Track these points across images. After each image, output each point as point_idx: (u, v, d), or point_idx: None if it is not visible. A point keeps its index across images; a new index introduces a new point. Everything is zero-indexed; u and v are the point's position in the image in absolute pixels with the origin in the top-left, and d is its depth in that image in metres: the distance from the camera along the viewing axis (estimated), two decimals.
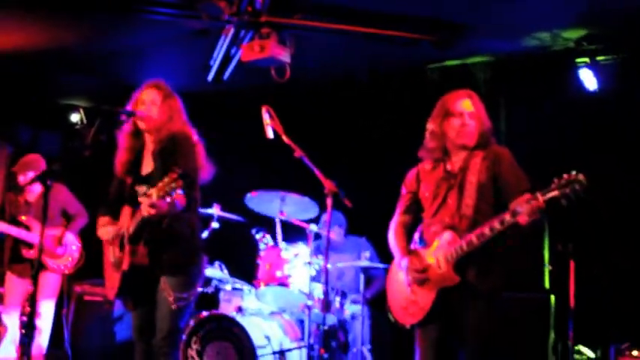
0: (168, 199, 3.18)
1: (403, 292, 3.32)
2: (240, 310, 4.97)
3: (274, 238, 5.14)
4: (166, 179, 3.15)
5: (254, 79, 5.57)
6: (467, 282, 3.13)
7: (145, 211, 3.24)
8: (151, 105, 3.63)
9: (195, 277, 3.56)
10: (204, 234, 5.20)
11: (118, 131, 3.72)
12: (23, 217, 5.21)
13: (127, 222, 3.52)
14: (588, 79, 5.13)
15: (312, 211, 5.05)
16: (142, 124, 3.62)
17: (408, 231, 3.45)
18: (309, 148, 5.91)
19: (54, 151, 6.75)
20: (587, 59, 5.11)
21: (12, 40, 5.45)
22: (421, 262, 3.25)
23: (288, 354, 4.69)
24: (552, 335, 4.79)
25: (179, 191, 3.17)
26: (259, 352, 4.51)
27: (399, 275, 3.35)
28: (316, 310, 4.94)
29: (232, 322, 4.62)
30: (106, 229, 3.64)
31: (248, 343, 4.52)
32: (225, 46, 5.06)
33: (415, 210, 3.44)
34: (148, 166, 3.63)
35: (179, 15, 4.58)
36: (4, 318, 5.22)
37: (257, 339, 4.56)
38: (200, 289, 3.71)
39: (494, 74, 5.68)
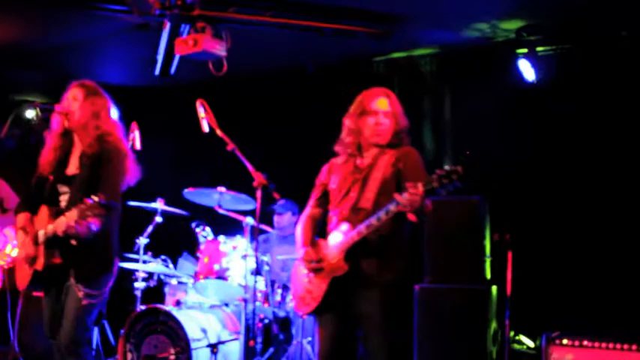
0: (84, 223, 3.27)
1: (302, 283, 3.38)
2: (178, 303, 4.98)
3: (216, 231, 5.16)
4: (88, 205, 3.17)
5: (203, 73, 5.58)
6: (359, 272, 3.18)
7: (61, 231, 3.31)
8: (73, 101, 3.64)
9: (106, 280, 3.59)
10: (149, 228, 5.25)
11: (46, 129, 3.74)
12: None
13: (43, 222, 3.53)
14: (527, 70, 5.14)
15: (250, 203, 5.05)
16: (66, 122, 3.62)
17: (317, 223, 3.50)
18: (252, 140, 5.96)
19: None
20: (526, 50, 5.11)
21: None
22: (317, 252, 3.30)
23: (223, 346, 4.69)
24: (493, 325, 4.81)
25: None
26: (194, 344, 4.52)
27: (300, 266, 3.39)
28: (258, 303, 4.97)
29: (168, 315, 4.63)
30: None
31: (183, 336, 4.53)
32: (165, 41, 5.05)
33: (326, 202, 3.49)
34: (73, 167, 3.64)
35: (114, 10, 4.55)
36: None
37: (192, 332, 4.57)
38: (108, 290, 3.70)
39: (439, 66, 5.68)
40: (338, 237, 3.23)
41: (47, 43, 5.54)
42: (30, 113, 3.60)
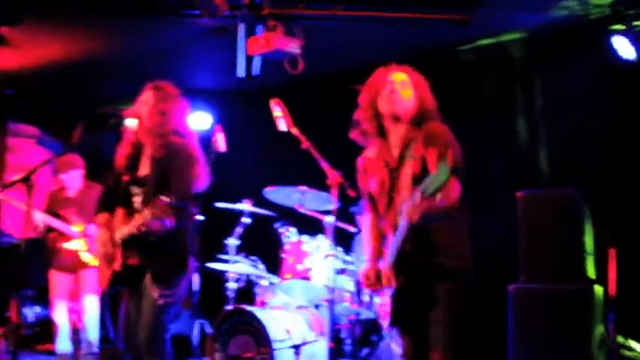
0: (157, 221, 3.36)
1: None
2: (263, 304, 4.99)
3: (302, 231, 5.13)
4: (159, 205, 3.25)
5: (285, 74, 5.58)
6: (413, 280, 3.01)
7: (136, 229, 3.39)
8: (143, 105, 3.70)
9: (181, 280, 3.64)
10: (238, 229, 5.32)
11: (120, 134, 3.85)
12: (64, 211, 5.49)
13: (119, 223, 3.64)
14: (624, 48, 4.70)
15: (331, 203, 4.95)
16: (138, 126, 3.69)
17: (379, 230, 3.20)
18: (334, 139, 5.85)
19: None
20: (622, 26, 4.68)
21: (50, 53, 5.75)
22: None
23: (309, 347, 4.64)
24: (600, 329, 4.42)
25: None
26: (276, 345, 4.49)
27: None
28: (346, 304, 4.89)
29: (252, 316, 4.63)
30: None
31: (266, 337, 4.52)
32: (242, 42, 5.08)
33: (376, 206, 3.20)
34: (144, 169, 3.71)
35: (187, 15, 4.63)
36: (53, 315, 5.51)
37: (276, 333, 4.55)
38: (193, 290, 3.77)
39: (528, 50, 5.35)
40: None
41: (131, 54, 5.75)
42: (102, 119, 3.69)
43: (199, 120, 6.81)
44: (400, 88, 3.05)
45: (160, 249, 3.55)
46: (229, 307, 4.85)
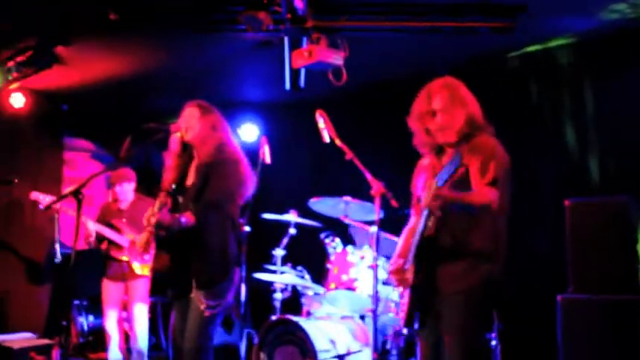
0: (167, 212, 3.44)
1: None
2: (308, 314, 5.01)
3: (347, 242, 5.14)
4: (162, 194, 3.33)
5: (331, 85, 5.62)
6: (430, 280, 3.08)
7: (146, 220, 3.50)
8: (190, 118, 3.83)
9: (226, 289, 3.69)
10: (284, 241, 5.36)
11: (165, 151, 3.96)
12: (116, 221, 5.64)
13: None
14: None
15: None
16: (186, 135, 3.81)
17: None
18: (383, 151, 5.85)
19: None
20: None
21: (101, 70, 5.94)
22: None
23: (351, 358, 4.63)
24: None
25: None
26: (321, 355, 4.50)
27: None
28: (391, 315, 4.86)
29: (296, 326, 4.65)
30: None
31: (311, 347, 4.53)
32: (288, 55, 5.14)
33: None
34: (191, 178, 3.81)
35: (232, 30, 4.72)
36: (105, 324, 5.64)
37: (320, 343, 4.56)
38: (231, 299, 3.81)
39: (577, 56, 5.23)
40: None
41: (180, 70, 5.88)
42: (148, 133, 3.80)
43: (247, 132, 6.94)
44: (442, 116, 3.13)
45: (200, 257, 3.60)
46: (274, 317, 4.88)
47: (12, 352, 5.24)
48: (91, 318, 6.65)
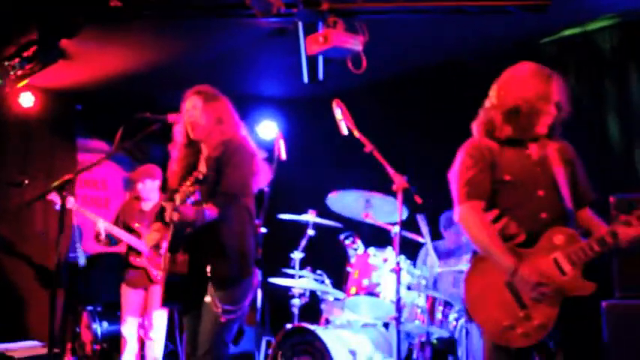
0: (191, 205, 3.14)
1: (505, 305, 2.77)
2: (327, 322, 4.64)
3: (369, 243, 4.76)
4: (187, 183, 3.03)
5: (351, 77, 5.27)
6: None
7: (168, 216, 3.17)
8: (193, 110, 3.53)
9: (245, 291, 3.38)
10: (303, 242, 5.01)
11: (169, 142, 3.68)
12: (136, 225, 5.36)
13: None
14: None
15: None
16: (191, 132, 3.53)
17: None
18: (408, 144, 5.45)
19: None
20: None
21: (111, 64, 5.68)
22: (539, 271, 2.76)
23: None
24: None
25: (190, 199, 3.09)
26: None
27: (494, 280, 2.82)
28: (417, 322, 4.47)
29: (314, 335, 4.29)
30: (151, 236, 3.58)
31: (329, 358, 4.16)
32: (303, 43, 4.80)
33: (493, 198, 2.91)
34: (202, 170, 3.51)
35: (240, 15, 4.39)
36: (123, 330, 5.38)
37: (339, 354, 4.18)
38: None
39: (621, 39, 4.78)
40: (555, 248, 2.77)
41: (195, 63, 5.58)
42: (142, 124, 3.52)
43: (266, 129, 6.60)
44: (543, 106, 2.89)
45: (217, 252, 3.30)
46: (289, 325, 4.52)
47: None
48: (105, 324, 6.41)
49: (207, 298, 3.33)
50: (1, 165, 6.24)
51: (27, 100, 6.10)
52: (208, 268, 3.34)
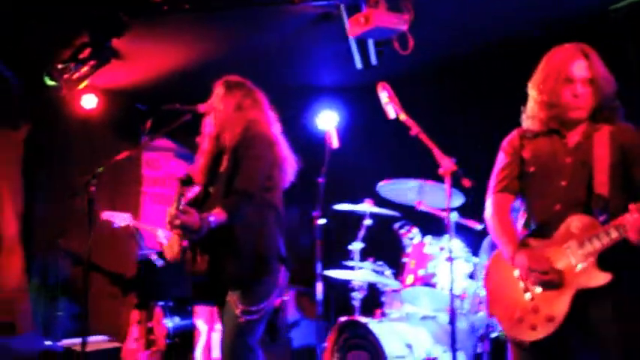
0: (195, 212, 3.00)
1: (516, 298, 2.67)
2: (383, 315, 4.46)
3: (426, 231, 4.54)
4: (176, 183, 2.94)
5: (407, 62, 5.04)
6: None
7: (169, 222, 3.02)
8: (215, 98, 3.45)
9: (267, 290, 3.20)
10: (361, 233, 4.85)
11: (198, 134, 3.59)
12: None
13: None
14: None
15: (456, 198, 4.32)
16: (213, 122, 3.42)
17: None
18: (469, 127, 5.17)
19: None
20: None
21: (165, 62, 5.69)
22: (541, 257, 2.62)
23: None
24: None
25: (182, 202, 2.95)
26: None
27: (509, 273, 2.71)
28: (481, 314, 4.24)
29: (367, 329, 4.13)
30: (171, 244, 3.47)
31: (382, 354, 3.99)
32: (348, 26, 4.63)
33: (515, 187, 2.85)
34: (223, 165, 3.39)
35: (277, 2, 4.27)
36: (198, 324, 5.42)
37: (394, 348, 4.00)
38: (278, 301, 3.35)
39: None
40: (572, 236, 2.59)
41: (241, 54, 5.49)
42: (170, 115, 3.46)
43: (325, 119, 6.46)
44: (581, 88, 2.69)
45: (230, 245, 3.15)
46: (342, 319, 4.37)
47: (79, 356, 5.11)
48: (177, 319, 6.50)
49: (228, 297, 3.21)
50: (67, 167, 6.36)
51: (89, 101, 6.22)
52: (225, 267, 3.20)
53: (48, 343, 5.60)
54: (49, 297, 6.23)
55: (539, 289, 2.60)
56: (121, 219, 5.52)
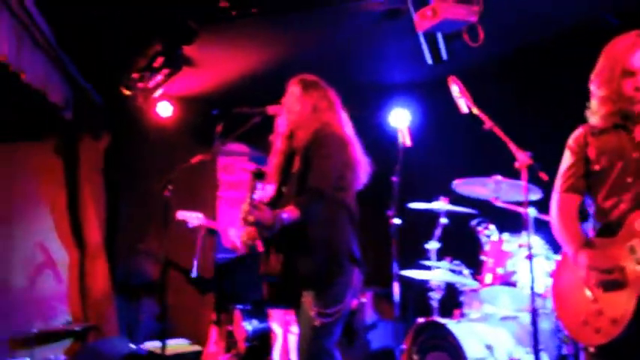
0: (268, 209, 3.00)
1: (580, 300, 2.55)
2: (462, 315, 4.33)
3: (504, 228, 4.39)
4: (249, 177, 2.93)
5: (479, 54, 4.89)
6: None
7: (243, 217, 3.02)
8: (291, 98, 3.43)
9: (341, 292, 3.14)
10: (437, 232, 4.74)
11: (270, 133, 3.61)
12: None
13: None
14: None
15: (533, 193, 4.14)
16: (288, 122, 3.43)
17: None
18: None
19: None
20: None
21: (235, 66, 5.75)
22: (606, 256, 2.50)
23: None
24: None
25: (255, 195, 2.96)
26: None
27: (574, 275, 2.60)
28: None
29: (445, 330, 4.02)
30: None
31: (462, 355, 3.87)
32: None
33: (582, 186, 2.77)
34: (296, 165, 3.39)
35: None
36: (273, 327, 5.46)
37: (474, 349, 3.88)
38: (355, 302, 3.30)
39: None
40: (636, 234, 2.46)
41: (311, 55, 5.47)
42: (241, 119, 3.48)
43: (398, 117, 6.36)
44: None
45: (302, 245, 3.13)
46: (421, 320, 4.28)
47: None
48: (255, 322, 6.56)
49: (303, 299, 3.17)
50: (147, 174, 6.52)
51: (165, 109, 6.36)
52: (298, 268, 3.16)
53: (132, 346, 5.75)
54: (133, 300, 6.41)
55: (602, 291, 2.48)
56: (194, 218, 5.66)
